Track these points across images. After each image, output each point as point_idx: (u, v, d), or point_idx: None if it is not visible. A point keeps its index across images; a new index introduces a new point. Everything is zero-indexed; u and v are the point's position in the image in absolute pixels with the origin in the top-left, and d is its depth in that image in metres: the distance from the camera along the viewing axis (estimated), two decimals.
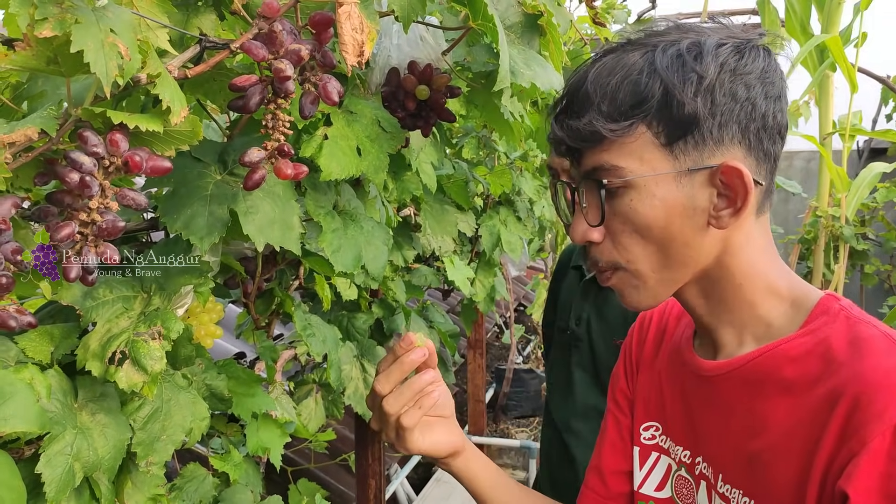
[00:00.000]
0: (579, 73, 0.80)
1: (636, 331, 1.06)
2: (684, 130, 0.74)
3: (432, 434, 0.92)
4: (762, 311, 0.81)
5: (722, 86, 0.74)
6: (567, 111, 0.79)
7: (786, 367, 0.77)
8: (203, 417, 0.92)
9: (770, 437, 0.77)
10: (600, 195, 0.77)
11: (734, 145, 0.76)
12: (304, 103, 0.77)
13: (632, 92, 0.75)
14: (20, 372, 0.71)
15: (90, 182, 0.61)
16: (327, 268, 1.11)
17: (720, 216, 0.77)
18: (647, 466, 0.97)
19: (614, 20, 2.50)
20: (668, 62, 0.75)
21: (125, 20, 0.61)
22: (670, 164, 0.76)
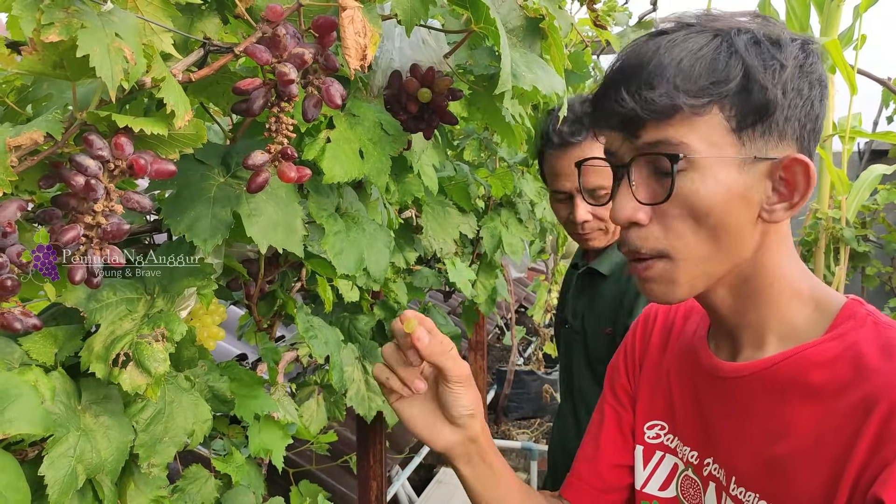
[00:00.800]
0: (643, 47, 0.77)
1: (640, 327, 1.05)
2: (757, 117, 0.73)
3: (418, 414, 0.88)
4: (787, 314, 0.81)
5: (793, 79, 0.74)
6: (635, 81, 0.74)
7: (812, 371, 0.76)
8: (205, 419, 0.92)
9: (794, 442, 0.75)
10: (670, 170, 0.74)
11: (792, 142, 0.75)
12: (308, 106, 0.77)
13: (709, 70, 0.73)
14: (24, 374, 0.71)
15: (95, 185, 0.61)
16: (329, 270, 1.11)
17: (774, 210, 0.76)
18: (651, 466, 0.96)
19: (615, 22, 2.50)
20: (748, 46, 0.74)
21: (130, 24, 0.61)
22: (736, 150, 0.74)
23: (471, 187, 1.90)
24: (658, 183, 0.76)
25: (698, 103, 0.72)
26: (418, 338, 0.80)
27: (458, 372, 0.84)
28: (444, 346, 0.83)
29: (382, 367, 0.86)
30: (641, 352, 1.03)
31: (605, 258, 1.66)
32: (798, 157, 0.74)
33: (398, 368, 0.84)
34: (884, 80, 4.43)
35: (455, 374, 0.84)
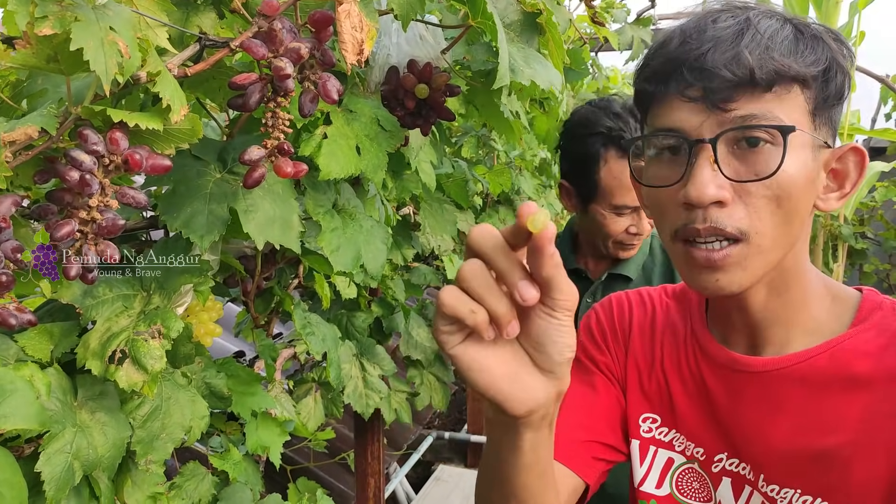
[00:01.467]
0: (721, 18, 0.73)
1: (615, 311, 1.00)
2: (831, 103, 0.73)
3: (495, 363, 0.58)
4: (812, 309, 0.80)
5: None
6: (739, 47, 0.71)
7: (856, 362, 0.75)
8: (202, 416, 0.92)
9: (847, 434, 0.74)
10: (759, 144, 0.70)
11: (832, 135, 0.75)
12: (304, 102, 0.77)
13: (796, 49, 0.71)
14: (20, 370, 0.71)
15: (90, 180, 0.61)
16: (326, 266, 1.11)
17: (828, 199, 0.76)
18: (647, 462, 0.93)
19: (613, 19, 2.50)
20: (824, 32, 0.74)
21: (125, 18, 0.61)
22: (814, 133, 0.73)
23: (468, 184, 1.90)
24: (741, 162, 0.72)
25: (800, 76, 0.70)
26: (550, 239, 0.52)
27: (572, 294, 0.56)
28: (559, 257, 0.55)
29: (461, 294, 0.55)
30: (624, 337, 0.98)
31: (629, 262, 1.64)
32: (856, 147, 0.74)
33: (491, 298, 0.54)
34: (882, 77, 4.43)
35: (568, 297, 0.56)
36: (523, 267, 0.55)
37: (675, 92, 0.74)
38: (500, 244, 0.54)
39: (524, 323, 0.58)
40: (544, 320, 0.57)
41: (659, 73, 0.76)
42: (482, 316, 0.55)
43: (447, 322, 0.56)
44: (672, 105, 0.75)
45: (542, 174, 2.70)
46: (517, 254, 0.54)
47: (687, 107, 0.74)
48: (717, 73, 0.70)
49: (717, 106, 0.71)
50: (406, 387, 1.81)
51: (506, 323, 0.55)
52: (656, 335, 0.96)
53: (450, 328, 0.57)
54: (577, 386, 0.99)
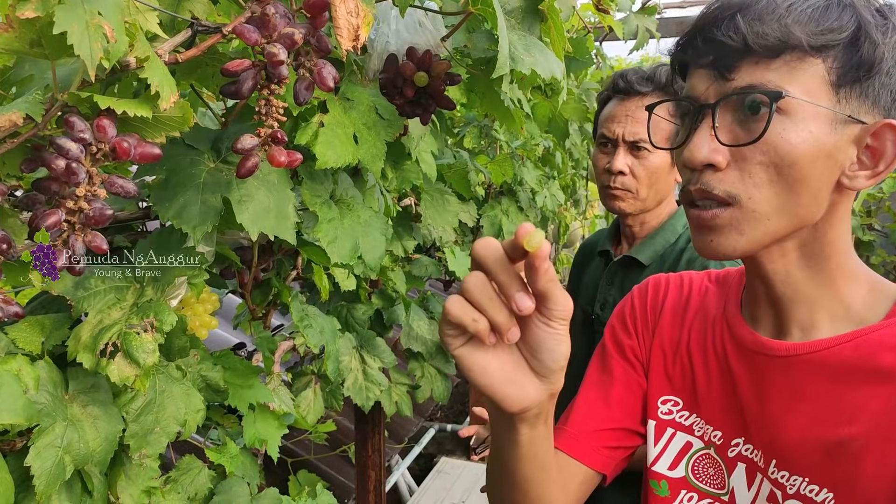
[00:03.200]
0: None
1: (649, 294, 1.02)
2: (859, 75, 0.71)
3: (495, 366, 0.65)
4: (842, 292, 0.79)
5: (895, 47, 0.72)
6: (747, 14, 0.72)
7: (883, 354, 0.74)
8: (198, 409, 0.91)
9: (862, 427, 0.73)
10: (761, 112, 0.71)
11: (883, 112, 0.73)
12: (299, 89, 0.75)
13: (821, 17, 0.71)
14: (7, 363, 0.69)
15: (77, 169, 0.60)
16: (324, 258, 1.09)
17: (856, 176, 0.74)
18: (662, 443, 0.93)
19: (618, 8, 2.47)
20: (862, 2, 0.72)
21: (112, 2, 0.59)
22: (832, 106, 0.72)
23: (470, 175, 1.88)
24: (742, 127, 0.74)
25: (809, 45, 0.70)
26: (544, 257, 0.58)
27: (567, 306, 0.62)
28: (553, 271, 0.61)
29: (465, 304, 0.61)
30: (653, 319, 0.99)
31: (645, 246, 1.62)
32: (893, 123, 0.72)
33: (491, 308, 0.60)
34: None
35: (563, 307, 0.62)
36: (521, 279, 0.60)
37: (693, 60, 0.78)
38: (500, 258, 0.60)
39: (523, 330, 0.63)
40: (541, 329, 0.63)
41: (685, 43, 0.79)
42: (483, 324, 0.61)
43: (452, 328, 0.63)
44: (692, 73, 0.79)
45: (545, 164, 2.68)
46: (516, 267, 0.60)
47: (699, 73, 0.77)
48: (720, 40, 0.73)
49: (723, 73, 0.74)
50: (407, 379, 1.79)
51: (505, 330, 0.61)
52: (687, 318, 0.96)
53: (454, 332, 0.63)
54: (595, 374, 1.01)
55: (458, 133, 2.15)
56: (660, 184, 1.59)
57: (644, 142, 1.55)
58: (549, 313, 0.62)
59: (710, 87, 0.75)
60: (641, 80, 1.57)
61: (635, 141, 1.56)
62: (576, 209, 4.17)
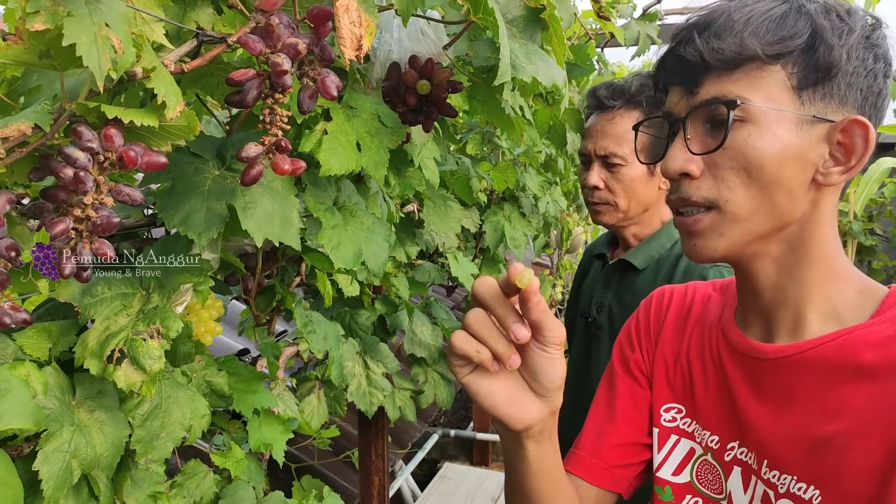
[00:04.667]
0: (714, 7, 0.79)
1: (653, 305, 1.05)
2: (819, 77, 0.75)
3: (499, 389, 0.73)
4: (830, 293, 0.81)
5: (858, 47, 0.75)
6: (704, 32, 0.77)
7: (864, 352, 0.76)
8: (203, 414, 0.91)
9: (845, 423, 0.75)
10: (725, 122, 0.76)
11: (853, 111, 0.77)
12: (303, 98, 0.76)
13: (777, 27, 0.75)
14: (16, 368, 0.70)
15: (84, 177, 0.61)
16: (328, 264, 1.10)
17: (829, 173, 0.77)
18: (666, 449, 0.95)
19: (619, 14, 2.48)
20: (818, 10, 0.76)
21: (119, 13, 0.60)
22: (795, 108, 0.76)
23: (472, 181, 1.89)
24: (712, 137, 0.78)
25: (764, 55, 0.74)
26: (535, 291, 0.66)
27: (560, 333, 0.70)
28: (545, 302, 0.69)
29: (468, 337, 0.69)
30: (656, 330, 1.02)
31: (639, 251, 1.64)
32: (858, 119, 0.75)
33: (492, 340, 0.68)
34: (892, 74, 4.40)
35: (557, 334, 0.69)
36: (516, 311, 0.68)
37: (666, 79, 0.84)
38: (497, 294, 0.68)
39: (522, 356, 0.71)
40: (538, 354, 0.71)
41: (659, 63, 0.85)
42: (486, 354, 0.69)
43: (458, 359, 0.71)
44: (668, 90, 0.84)
45: (547, 170, 2.68)
46: (511, 300, 0.68)
47: (673, 90, 0.83)
48: (684, 58, 0.79)
49: (689, 89, 0.80)
50: (410, 384, 1.80)
51: (506, 358, 0.69)
52: (688, 326, 0.99)
53: (461, 363, 0.72)
54: (602, 395, 1.05)
55: (460, 140, 2.16)
56: (639, 194, 1.61)
57: (614, 156, 1.58)
58: (544, 340, 0.70)
59: (681, 102, 0.81)
60: (610, 95, 1.60)
61: (605, 155, 1.59)
62: (578, 214, 4.18)
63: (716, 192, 0.78)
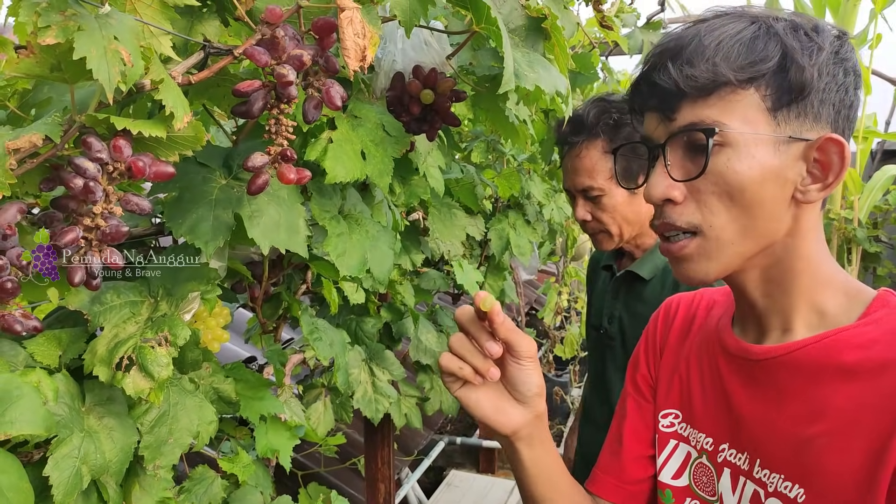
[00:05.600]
0: (683, 32, 0.80)
1: (661, 317, 1.07)
2: (792, 97, 0.76)
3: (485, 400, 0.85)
4: (817, 299, 0.82)
5: (828, 64, 0.76)
6: (677, 59, 0.78)
7: (847, 353, 0.77)
8: (210, 421, 0.92)
9: (828, 422, 0.76)
10: (705, 148, 0.76)
11: (826, 126, 0.78)
12: (308, 108, 0.77)
13: (748, 51, 0.76)
14: (27, 375, 0.71)
15: (94, 187, 0.62)
16: (333, 272, 1.11)
17: (808, 190, 0.78)
18: (666, 454, 0.97)
19: (623, 24, 2.50)
20: (786, 30, 0.76)
21: (128, 27, 0.61)
22: (771, 129, 0.76)
23: (477, 188, 1.90)
24: (692, 162, 0.79)
25: (736, 80, 0.75)
26: (497, 312, 0.77)
27: (529, 347, 0.82)
28: (512, 323, 0.81)
29: (452, 357, 0.82)
30: (662, 342, 1.04)
31: (645, 261, 1.65)
32: (833, 137, 0.76)
33: (471, 357, 0.81)
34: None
35: (526, 348, 0.82)
36: (488, 331, 0.80)
37: (640, 105, 0.84)
38: (471, 318, 0.80)
39: (502, 369, 0.83)
40: (514, 367, 0.83)
41: (633, 89, 0.85)
42: (468, 370, 0.81)
43: (447, 376, 0.84)
44: (644, 117, 0.85)
45: (552, 178, 2.69)
46: (485, 322, 0.79)
47: (649, 116, 0.83)
48: (660, 85, 0.79)
49: (666, 115, 0.80)
50: (416, 391, 1.81)
51: (485, 372, 0.81)
52: (691, 333, 1.01)
53: (450, 379, 0.84)
54: (616, 414, 1.09)
55: (465, 148, 2.17)
56: (627, 216, 1.62)
57: (591, 189, 1.60)
58: (516, 354, 0.82)
59: (658, 128, 0.82)
60: (572, 132, 1.61)
61: (583, 189, 1.60)
62: None
63: (699, 217, 0.79)
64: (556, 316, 4.65)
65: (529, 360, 0.83)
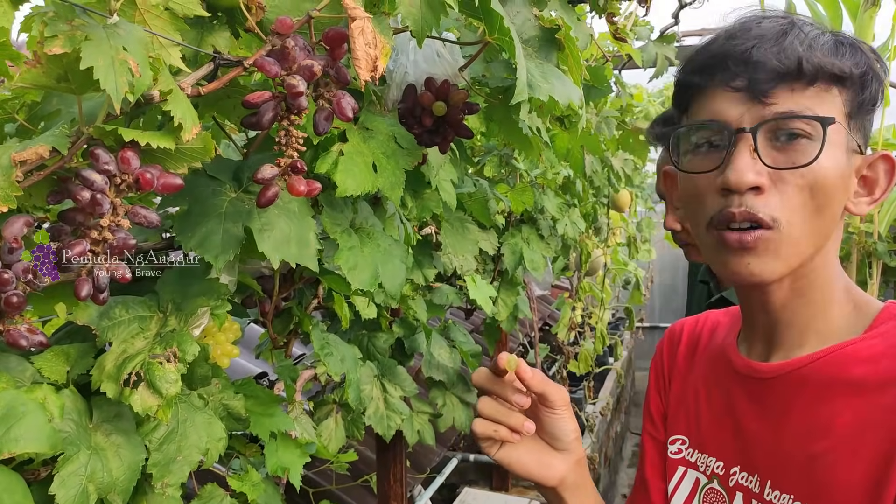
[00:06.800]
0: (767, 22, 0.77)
1: (665, 346, 1.06)
2: (865, 109, 0.76)
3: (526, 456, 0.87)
4: (831, 313, 0.81)
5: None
6: (782, 41, 0.74)
7: (854, 367, 0.76)
8: (219, 438, 0.91)
9: (835, 438, 0.75)
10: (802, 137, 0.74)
11: (865, 142, 0.79)
12: (319, 119, 0.76)
13: (837, 53, 0.75)
14: (33, 392, 0.70)
15: (101, 200, 0.61)
16: (345, 286, 1.10)
17: (858, 202, 0.79)
18: (675, 481, 0.96)
19: (637, 36, 2.49)
20: (861, 44, 0.77)
21: (137, 37, 0.60)
22: (847, 135, 0.76)
23: (490, 203, 1.89)
24: (778, 151, 0.75)
25: (842, 73, 0.74)
26: (525, 369, 0.81)
27: (562, 395, 0.85)
28: (541, 373, 0.84)
29: (484, 421, 0.84)
30: (669, 369, 1.04)
31: None
32: (887, 154, 0.78)
33: (503, 417, 0.83)
34: None
35: (559, 397, 0.84)
36: (512, 386, 0.83)
37: (721, 83, 0.78)
38: (490, 378, 0.84)
39: (537, 421, 0.85)
40: (549, 416, 0.85)
41: (705, 66, 0.79)
42: (504, 431, 0.83)
43: (484, 441, 0.86)
44: (716, 96, 0.78)
45: (565, 193, 2.68)
46: (508, 378, 0.83)
47: (730, 97, 0.77)
48: (764, 63, 0.74)
49: (759, 98, 0.75)
50: (429, 408, 1.79)
51: (520, 427, 0.83)
52: (696, 357, 1.00)
53: (487, 444, 0.86)
54: (640, 453, 1.08)
55: (478, 162, 2.16)
56: None
57: None
58: (550, 404, 0.84)
59: (746, 112, 0.76)
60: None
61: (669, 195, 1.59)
62: (597, 237, 4.16)
63: (782, 210, 0.75)
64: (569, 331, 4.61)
65: (564, 407, 0.85)
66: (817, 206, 0.75)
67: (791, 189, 0.75)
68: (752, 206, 0.75)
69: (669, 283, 8.96)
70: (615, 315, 7.19)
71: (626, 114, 3.00)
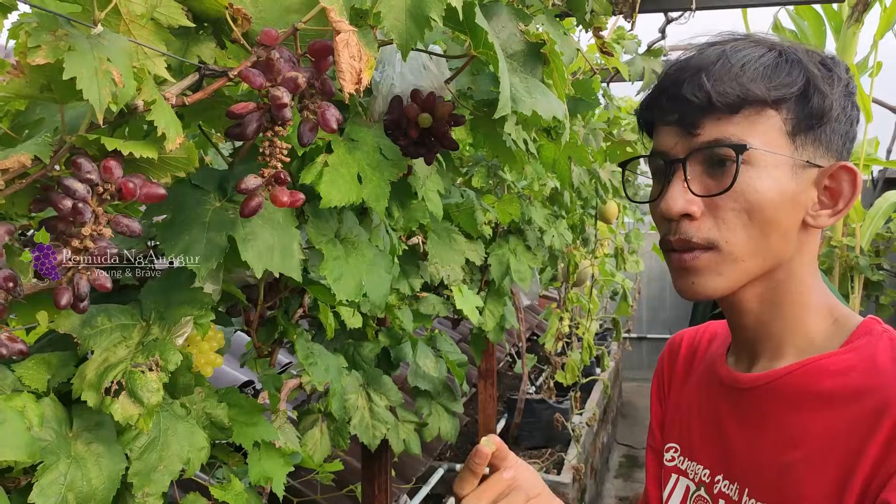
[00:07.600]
0: (704, 51, 0.81)
1: (666, 356, 1.08)
2: (812, 124, 0.78)
3: None
4: (807, 326, 0.83)
5: (841, 96, 0.79)
6: (704, 76, 0.78)
7: (825, 380, 0.78)
8: (201, 447, 0.91)
9: (805, 449, 0.77)
10: (729, 164, 0.77)
11: (835, 155, 0.80)
12: (303, 131, 0.77)
13: (773, 74, 0.77)
14: (12, 400, 0.70)
15: (83, 209, 0.61)
16: (329, 296, 1.10)
17: (818, 216, 0.80)
18: (669, 488, 0.98)
19: (624, 50, 2.51)
20: (807, 58, 0.79)
21: (121, 48, 0.61)
22: (790, 153, 0.78)
23: (477, 213, 1.89)
24: (712, 178, 0.79)
25: (768, 99, 0.76)
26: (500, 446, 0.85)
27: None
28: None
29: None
30: (669, 378, 1.06)
31: None
32: (846, 165, 0.79)
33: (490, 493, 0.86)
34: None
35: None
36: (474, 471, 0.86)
37: (660, 118, 0.85)
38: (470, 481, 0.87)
39: None
40: None
41: (651, 102, 0.86)
42: None
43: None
44: (660, 130, 0.85)
45: (553, 204, 2.69)
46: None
47: (668, 131, 0.83)
48: (686, 99, 0.79)
49: (688, 130, 0.80)
50: (414, 417, 1.79)
51: None
52: (693, 366, 1.02)
53: None
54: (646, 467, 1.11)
55: (466, 172, 2.17)
56: None
57: None
58: None
59: (678, 143, 0.81)
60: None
61: None
62: (585, 248, 4.17)
63: (717, 233, 0.79)
64: (557, 342, 4.62)
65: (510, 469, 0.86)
66: (759, 227, 0.78)
67: (726, 213, 0.79)
68: (685, 233, 0.81)
69: (657, 294, 8.99)
70: (603, 326, 7.21)
71: (614, 126, 3.02)
